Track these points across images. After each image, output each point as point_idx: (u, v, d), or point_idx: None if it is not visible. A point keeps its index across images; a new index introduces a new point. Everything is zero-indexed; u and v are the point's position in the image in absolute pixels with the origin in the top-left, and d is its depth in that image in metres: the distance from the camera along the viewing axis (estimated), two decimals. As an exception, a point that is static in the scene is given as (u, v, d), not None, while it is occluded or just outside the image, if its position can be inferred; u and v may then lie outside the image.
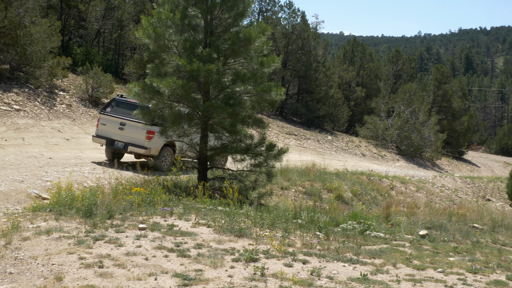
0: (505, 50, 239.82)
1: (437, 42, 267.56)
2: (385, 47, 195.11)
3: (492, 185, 32.82)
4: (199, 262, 7.91)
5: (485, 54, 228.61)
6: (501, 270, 9.41)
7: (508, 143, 76.64)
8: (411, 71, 61.63)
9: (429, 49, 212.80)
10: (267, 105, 15.03)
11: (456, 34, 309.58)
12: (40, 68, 26.40)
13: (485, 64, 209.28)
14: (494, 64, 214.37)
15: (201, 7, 13.92)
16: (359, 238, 11.03)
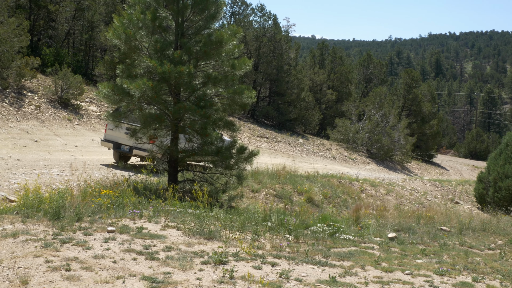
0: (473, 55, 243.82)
1: (408, 47, 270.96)
2: (357, 51, 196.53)
3: (460, 188, 33.29)
4: (168, 265, 7.86)
5: (454, 59, 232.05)
6: (467, 272, 9.53)
7: (477, 147, 77.84)
8: (382, 75, 62.24)
9: (399, 53, 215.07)
10: (238, 108, 15.05)
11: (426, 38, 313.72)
12: (8, 68, 26.02)
13: (454, 68, 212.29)
14: (463, 69, 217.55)
15: (172, 9, 13.86)
16: (329, 240, 11.08)
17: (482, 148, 76.85)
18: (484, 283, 8.77)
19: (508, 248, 12.71)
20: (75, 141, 23.30)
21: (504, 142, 29.12)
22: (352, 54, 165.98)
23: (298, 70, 48.65)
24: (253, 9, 48.72)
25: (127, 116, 14.74)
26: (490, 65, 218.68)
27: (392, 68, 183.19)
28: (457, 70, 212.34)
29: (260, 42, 45.66)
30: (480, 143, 78.90)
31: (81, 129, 25.95)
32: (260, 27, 47.01)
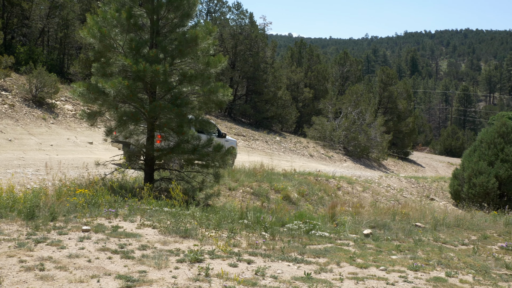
0: (448, 53, 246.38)
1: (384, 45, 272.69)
2: (333, 49, 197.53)
3: (436, 185, 33.60)
4: (143, 263, 7.85)
5: (430, 56, 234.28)
6: (441, 267, 9.65)
7: (452, 144, 78.63)
8: (358, 73, 62.62)
9: (376, 51, 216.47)
10: (215, 106, 15.02)
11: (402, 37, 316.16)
12: (-19, 67, 25.70)
13: (430, 66, 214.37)
14: (439, 67, 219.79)
15: (147, 7, 13.80)
16: (305, 237, 11.14)
17: (458, 145, 77.65)
18: (457, 278, 8.89)
19: (481, 243, 12.88)
20: (50, 140, 23.08)
21: (478, 139, 29.46)
22: (329, 52, 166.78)
23: (275, 68, 48.72)
24: (230, 7, 48.71)
25: (102, 115, 14.65)
26: (465, 63, 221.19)
27: (368, 66, 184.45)
28: (433, 68, 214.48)
29: (237, 40, 45.63)
30: (456, 140, 79.73)
31: (56, 128, 25.72)
32: (236, 25, 46.97)
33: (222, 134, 23.32)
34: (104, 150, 22.44)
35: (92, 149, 23.22)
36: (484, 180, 26.21)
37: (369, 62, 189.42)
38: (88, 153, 22.02)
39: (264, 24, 77.14)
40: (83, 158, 19.63)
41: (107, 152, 21.64)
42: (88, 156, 20.34)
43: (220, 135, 23.17)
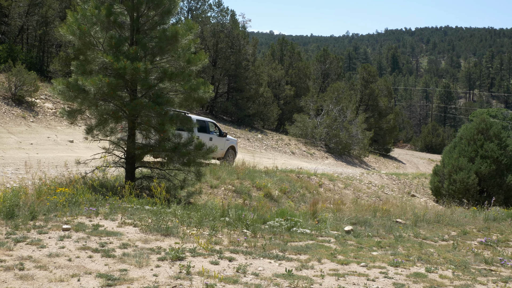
0: (429, 50, 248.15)
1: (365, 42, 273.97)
2: (314, 47, 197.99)
3: (416, 181, 33.89)
4: (124, 262, 7.82)
5: (410, 54, 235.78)
6: (421, 262, 9.74)
7: (433, 141, 79.21)
8: (339, 70, 62.74)
9: (356, 48, 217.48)
10: (196, 103, 15.02)
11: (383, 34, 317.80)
12: (-42, 65, 25.39)
13: (410, 63, 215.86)
14: (419, 64, 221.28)
15: (127, 4, 13.73)
16: (286, 234, 11.18)
17: (438, 142, 78.23)
18: (437, 273, 8.97)
19: (461, 238, 13.01)
20: (30, 138, 22.89)
21: (458, 136, 29.78)
22: (310, 50, 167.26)
23: (257, 65, 48.68)
24: (211, 5, 48.52)
25: (82, 114, 14.56)
26: (445, 60, 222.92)
27: (350, 63, 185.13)
28: (413, 65, 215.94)
29: (218, 37, 45.52)
30: (436, 137, 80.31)
31: (36, 127, 25.51)
32: (217, 23, 46.86)
33: (223, 134, 23.91)
34: (85, 148, 22.29)
35: (73, 147, 23.07)
36: (464, 176, 26.47)
37: (350, 59, 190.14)
38: (69, 151, 21.87)
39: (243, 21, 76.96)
40: (64, 157, 19.49)
41: (88, 150, 21.49)
42: (69, 155, 20.20)
43: (221, 134, 23.75)
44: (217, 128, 24.00)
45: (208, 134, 22.49)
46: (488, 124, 28.52)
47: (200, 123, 22.10)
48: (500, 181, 26.70)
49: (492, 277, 9.09)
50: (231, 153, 24.88)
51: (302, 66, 55.80)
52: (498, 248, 12.18)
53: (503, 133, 28.95)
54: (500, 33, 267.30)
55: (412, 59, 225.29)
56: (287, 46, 58.82)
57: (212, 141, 22.36)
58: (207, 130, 22.66)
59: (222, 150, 23.90)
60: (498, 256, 11.06)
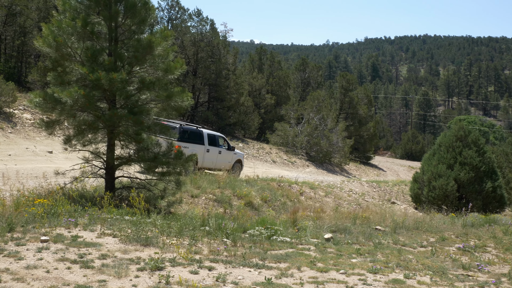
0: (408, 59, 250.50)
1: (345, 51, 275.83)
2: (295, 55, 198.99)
3: (397, 188, 34.11)
4: (103, 272, 7.79)
5: (390, 62, 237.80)
6: (400, 269, 9.82)
7: (413, 148, 79.86)
8: (319, 78, 63.04)
9: (337, 57, 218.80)
10: (175, 112, 14.98)
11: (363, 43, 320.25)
12: None
13: (390, 72, 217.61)
14: (399, 72, 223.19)
15: (104, 15, 13.71)
16: (266, 243, 11.20)
17: (418, 149, 78.89)
18: (415, 279, 9.05)
19: (439, 245, 13.13)
20: (8, 149, 22.69)
21: (437, 143, 30.01)
22: (290, 59, 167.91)
23: (237, 75, 48.76)
24: (190, 15, 48.53)
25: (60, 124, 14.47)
26: (424, 68, 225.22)
27: (330, 72, 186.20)
28: (393, 73, 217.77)
29: (198, 47, 45.54)
30: (416, 144, 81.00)
31: (15, 138, 25.30)
32: (197, 32, 46.87)
33: (231, 148, 25.29)
34: (64, 159, 22.14)
35: (52, 158, 22.90)
36: (444, 183, 26.68)
37: (330, 68, 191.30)
38: (48, 162, 21.71)
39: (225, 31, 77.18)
40: (43, 168, 19.35)
41: (67, 161, 21.35)
42: (48, 166, 20.05)
43: (229, 148, 25.15)
44: (226, 142, 25.21)
45: (217, 148, 24.05)
46: (467, 131, 28.82)
47: (210, 137, 23.53)
48: (479, 188, 26.94)
49: (469, 282, 9.20)
50: (238, 166, 26.15)
51: (283, 75, 55.97)
52: (475, 253, 12.32)
53: (481, 140, 29.25)
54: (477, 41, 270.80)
55: (392, 67, 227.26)
56: (267, 55, 58.99)
57: (221, 154, 24.30)
58: (216, 143, 24.06)
59: (230, 163, 25.32)
60: (476, 261, 11.19)
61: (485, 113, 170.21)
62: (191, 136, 22.27)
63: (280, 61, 60.23)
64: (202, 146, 22.84)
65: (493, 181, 27.33)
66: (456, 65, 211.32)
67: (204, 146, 23.00)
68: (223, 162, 24.74)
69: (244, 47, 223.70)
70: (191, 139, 22.20)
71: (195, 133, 22.68)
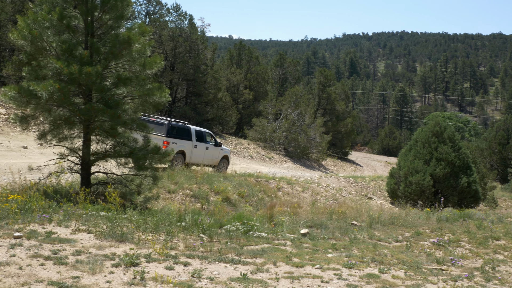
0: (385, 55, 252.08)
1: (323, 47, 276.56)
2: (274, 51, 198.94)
3: (373, 183, 34.35)
4: (77, 269, 7.72)
5: (368, 58, 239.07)
6: (375, 264, 9.89)
7: (389, 144, 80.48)
8: (297, 74, 63.13)
9: (315, 53, 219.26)
10: (152, 108, 14.89)
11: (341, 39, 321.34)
12: None
13: (368, 68, 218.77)
14: (376, 68, 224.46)
15: (80, 8, 13.56)
16: (242, 238, 11.20)
17: (395, 145, 79.51)
18: (389, 273, 9.13)
19: (414, 239, 13.25)
20: (-17, 145, 22.42)
21: (413, 139, 30.25)
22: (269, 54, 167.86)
23: (215, 70, 48.62)
24: (169, 9, 48.25)
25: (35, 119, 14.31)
26: (401, 65, 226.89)
27: (308, 67, 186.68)
28: (371, 69, 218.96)
29: (176, 42, 45.32)
30: (393, 140, 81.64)
31: (-11, 133, 24.98)
32: (175, 27, 46.65)
33: (218, 144, 25.82)
34: (40, 154, 21.92)
35: (27, 153, 22.65)
36: (420, 179, 26.91)
37: (309, 64, 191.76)
38: (23, 158, 21.46)
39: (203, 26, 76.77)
40: (17, 163, 19.13)
41: (43, 156, 21.14)
42: (23, 161, 19.82)
43: (216, 144, 25.65)
44: (213, 138, 25.73)
45: (205, 144, 24.65)
46: (443, 127, 29.08)
47: (197, 133, 24.17)
48: (454, 183, 27.22)
49: (443, 277, 9.30)
50: (224, 162, 26.72)
51: (261, 70, 55.95)
52: (449, 248, 12.46)
53: (457, 135, 29.55)
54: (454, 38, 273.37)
55: (370, 64, 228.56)
56: (245, 50, 58.93)
57: (209, 150, 24.88)
58: (204, 139, 24.67)
59: (217, 159, 25.90)
60: (450, 256, 11.31)
61: (461, 109, 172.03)
62: (179, 132, 22.86)
63: (258, 57, 60.21)
64: (190, 142, 23.44)
65: (468, 177, 27.63)
66: (433, 62, 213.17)
67: (192, 142, 23.59)
68: (210, 158, 25.30)
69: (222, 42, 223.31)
70: (179, 135, 22.80)
71: (183, 129, 23.30)
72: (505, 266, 11.02)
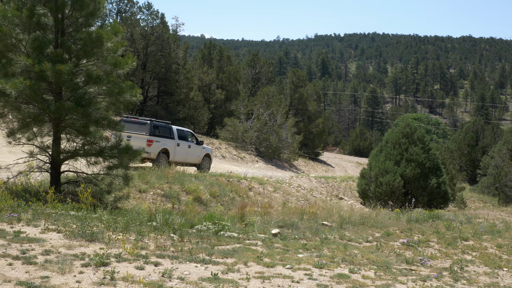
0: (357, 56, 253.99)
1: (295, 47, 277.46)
2: (246, 51, 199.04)
3: (344, 184, 34.54)
4: (46, 268, 7.65)
5: (339, 59, 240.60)
6: (345, 264, 9.96)
7: (360, 144, 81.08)
8: (269, 74, 63.18)
9: (287, 53, 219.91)
10: (123, 107, 14.82)
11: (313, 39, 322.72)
12: None
13: (340, 69, 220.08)
14: (348, 69, 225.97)
15: (50, 6, 13.41)
16: (213, 238, 11.19)
17: (366, 145, 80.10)
18: (359, 273, 9.21)
19: (384, 240, 13.38)
20: (-51, 143, 22.04)
21: (384, 140, 30.50)
22: (241, 54, 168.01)
23: (187, 69, 48.44)
24: (140, 7, 47.98)
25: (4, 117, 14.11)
26: (373, 66, 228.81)
27: (280, 68, 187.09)
28: (342, 70, 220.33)
29: (148, 40, 45.05)
30: (364, 141, 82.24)
31: (-44, 131, 24.55)
32: (147, 26, 46.38)
33: (200, 142, 26.65)
34: (8, 153, 21.61)
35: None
36: (390, 179, 27.15)
37: (281, 64, 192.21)
38: (-9, 156, 21.17)
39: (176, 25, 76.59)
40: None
41: (11, 155, 20.86)
42: None
43: (198, 142, 26.49)
44: (194, 137, 26.59)
45: (187, 142, 25.64)
46: (413, 128, 29.38)
47: (179, 132, 25.18)
48: (424, 184, 27.53)
49: (412, 277, 9.41)
50: (207, 160, 27.54)
51: (233, 70, 55.91)
52: (419, 248, 12.61)
53: (427, 137, 29.90)
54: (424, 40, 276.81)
55: (341, 64, 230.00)
56: (216, 50, 58.84)
57: (191, 148, 25.86)
58: (186, 138, 25.72)
59: (199, 157, 26.79)
60: (419, 256, 11.46)
61: (431, 110, 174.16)
62: (161, 131, 23.86)
63: (230, 56, 60.14)
64: (173, 141, 24.35)
65: (438, 177, 27.96)
66: (404, 63, 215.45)
67: (174, 140, 24.50)
68: (193, 156, 26.26)
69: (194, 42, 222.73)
70: (162, 134, 23.78)
71: (165, 128, 24.33)
72: (473, 266, 11.20)
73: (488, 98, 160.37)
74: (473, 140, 63.72)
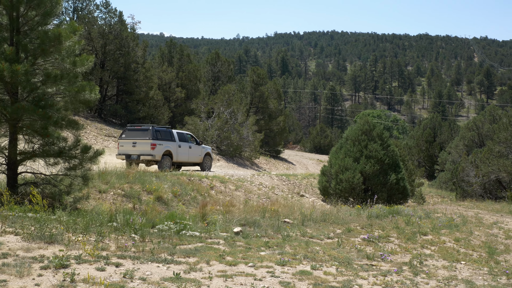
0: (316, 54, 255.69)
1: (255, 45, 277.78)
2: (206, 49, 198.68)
3: (305, 181, 34.68)
4: (3, 272, 7.48)
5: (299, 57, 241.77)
6: (307, 261, 10.02)
7: (321, 142, 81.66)
8: (230, 73, 63.11)
9: (247, 51, 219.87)
10: (82, 106, 14.62)
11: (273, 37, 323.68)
12: None
13: (299, 67, 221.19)
14: (307, 67, 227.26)
15: (4, 3, 13.12)
16: (175, 238, 11.13)
17: (326, 143, 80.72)
18: (321, 270, 9.27)
19: (345, 236, 13.51)
20: None
21: (344, 137, 30.74)
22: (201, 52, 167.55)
23: (147, 68, 48.09)
24: (98, 5, 47.37)
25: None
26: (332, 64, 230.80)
27: (240, 66, 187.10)
28: (302, 68, 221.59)
29: (106, 39, 44.56)
30: (324, 138, 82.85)
31: None
32: (105, 24, 45.84)
33: (199, 142, 28.83)
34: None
35: (-51, 153, 21.79)
36: (350, 176, 27.40)
37: (241, 62, 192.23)
38: None
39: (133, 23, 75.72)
40: None
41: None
42: None
43: (197, 143, 28.66)
44: (194, 138, 28.78)
45: (187, 143, 27.77)
46: (372, 125, 29.70)
47: (179, 135, 27.30)
48: (384, 180, 27.85)
49: (373, 272, 9.53)
50: (208, 159, 29.74)
51: (193, 68, 55.69)
52: (379, 244, 12.77)
53: (385, 133, 30.25)
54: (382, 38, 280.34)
55: (301, 62, 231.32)
56: (176, 48, 58.52)
57: (192, 148, 28.00)
58: (186, 140, 27.84)
59: (200, 156, 28.97)
60: (379, 251, 11.61)
61: (389, 107, 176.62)
62: (163, 135, 25.96)
63: (189, 55, 59.89)
64: (174, 143, 26.48)
65: (397, 174, 28.33)
66: (362, 61, 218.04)
67: (176, 142, 26.62)
68: (195, 156, 28.41)
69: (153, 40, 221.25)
70: (164, 138, 25.89)
71: (165, 132, 26.52)
72: (432, 260, 11.40)
73: (445, 95, 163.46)
74: (430, 136, 64.76)
